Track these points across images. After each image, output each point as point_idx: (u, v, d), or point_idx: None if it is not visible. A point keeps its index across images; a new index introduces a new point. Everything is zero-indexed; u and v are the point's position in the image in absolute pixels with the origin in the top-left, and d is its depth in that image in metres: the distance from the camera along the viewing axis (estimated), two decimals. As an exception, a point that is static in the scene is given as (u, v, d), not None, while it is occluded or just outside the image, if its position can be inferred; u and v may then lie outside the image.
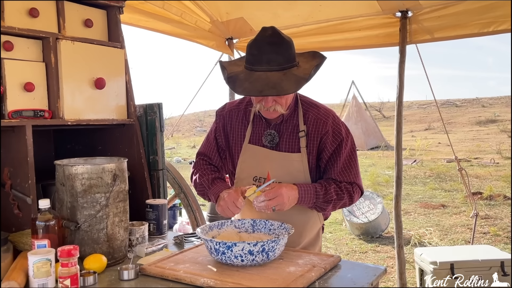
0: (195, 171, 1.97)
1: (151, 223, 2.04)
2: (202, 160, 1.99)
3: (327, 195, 1.76)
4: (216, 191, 1.79)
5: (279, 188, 1.66)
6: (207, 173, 1.91)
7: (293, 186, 1.72)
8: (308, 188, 1.74)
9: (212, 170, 1.94)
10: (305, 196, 1.73)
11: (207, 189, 1.85)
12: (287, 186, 1.69)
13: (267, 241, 1.48)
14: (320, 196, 1.75)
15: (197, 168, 1.96)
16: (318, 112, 1.84)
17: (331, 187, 1.77)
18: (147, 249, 1.76)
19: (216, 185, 1.82)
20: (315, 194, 1.75)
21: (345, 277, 1.49)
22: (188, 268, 1.53)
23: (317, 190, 1.75)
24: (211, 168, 1.95)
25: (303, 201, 1.73)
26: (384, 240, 5.86)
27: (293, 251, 1.70)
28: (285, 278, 1.42)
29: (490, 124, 23.92)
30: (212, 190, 1.82)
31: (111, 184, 1.64)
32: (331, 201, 1.76)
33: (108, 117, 2.11)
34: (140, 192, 2.20)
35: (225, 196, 1.70)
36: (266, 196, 1.64)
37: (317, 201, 1.76)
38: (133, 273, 1.52)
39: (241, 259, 1.49)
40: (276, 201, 1.65)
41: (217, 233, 1.72)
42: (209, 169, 1.94)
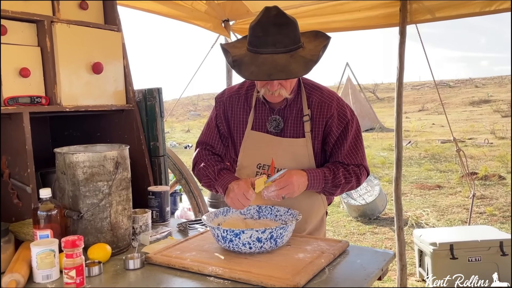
0: (198, 161, 1.90)
1: (153, 211, 2.01)
2: (205, 150, 1.92)
3: (335, 179, 1.73)
4: (224, 182, 1.75)
5: (290, 177, 1.63)
6: (212, 163, 1.84)
7: (302, 172, 1.69)
8: (317, 174, 1.71)
9: (217, 160, 1.88)
10: (314, 182, 1.70)
11: (213, 181, 1.81)
12: (296, 173, 1.66)
13: (276, 228, 1.45)
14: (329, 181, 1.73)
15: (201, 159, 1.89)
16: (321, 95, 1.80)
17: (339, 171, 1.74)
18: (151, 237, 1.73)
19: (224, 176, 1.77)
20: (323, 179, 1.72)
21: (355, 262, 1.47)
22: (195, 256, 1.50)
23: (326, 175, 1.72)
24: (216, 158, 1.89)
25: (312, 186, 1.71)
26: (381, 222, 5.89)
27: (300, 237, 1.68)
28: (295, 265, 1.39)
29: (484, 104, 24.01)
30: (220, 182, 1.77)
31: (114, 172, 1.60)
32: (339, 185, 1.74)
33: (106, 102, 2.05)
34: (141, 179, 2.16)
35: (235, 188, 1.65)
36: (277, 185, 1.61)
37: (325, 186, 1.73)
38: (139, 262, 1.49)
39: (249, 247, 1.46)
40: (286, 189, 1.62)
41: (223, 220, 1.70)
42: (214, 159, 1.88)
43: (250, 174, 1.82)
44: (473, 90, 28.73)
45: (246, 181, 1.65)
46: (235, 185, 1.66)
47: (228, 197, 1.67)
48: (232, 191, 1.65)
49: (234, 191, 1.64)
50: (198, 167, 1.87)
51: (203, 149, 1.92)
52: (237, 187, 1.64)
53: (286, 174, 1.64)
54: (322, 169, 1.75)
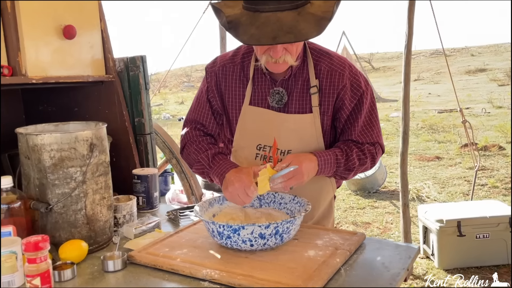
0: (188, 144, 1.63)
1: (139, 197, 1.77)
2: (195, 130, 1.64)
3: (348, 162, 1.49)
4: (221, 171, 1.49)
5: (299, 167, 1.38)
6: (204, 147, 1.58)
7: (312, 157, 1.44)
8: (328, 157, 1.46)
9: (210, 142, 1.62)
10: (324, 166, 1.46)
11: (207, 168, 1.55)
12: (305, 159, 1.41)
13: (282, 222, 1.22)
14: (341, 164, 1.49)
15: (191, 141, 1.62)
16: (331, 62, 1.53)
17: (353, 152, 1.50)
18: (136, 230, 1.49)
19: (219, 163, 1.52)
20: (335, 162, 1.48)
21: (374, 260, 1.25)
22: (186, 255, 1.27)
23: (338, 157, 1.48)
24: (208, 140, 1.63)
25: (323, 172, 1.47)
26: (381, 195, 5.72)
27: (308, 228, 1.45)
28: (305, 266, 1.17)
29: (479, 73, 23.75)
30: (215, 170, 1.52)
31: (88, 156, 1.35)
32: (353, 168, 1.50)
33: (82, 73, 1.77)
34: (125, 160, 1.91)
35: (235, 182, 1.40)
36: (284, 176, 1.37)
37: (337, 170, 1.50)
38: (120, 263, 1.26)
39: (250, 244, 1.23)
40: (295, 180, 1.38)
41: (219, 210, 1.46)
42: (206, 142, 1.61)
43: (249, 156, 1.58)
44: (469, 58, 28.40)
45: (248, 172, 1.40)
46: (234, 177, 1.41)
47: (226, 191, 1.42)
48: (232, 184, 1.40)
49: (234, 185, 1.39)
50: (188, 150, 1.61)
51: (193, 129, 1.64)
52: (238, 180, 1.39)
53: (294, 161, 1.38)
54: (334, 150, 1.50)
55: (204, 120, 1.63)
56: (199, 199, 2.36)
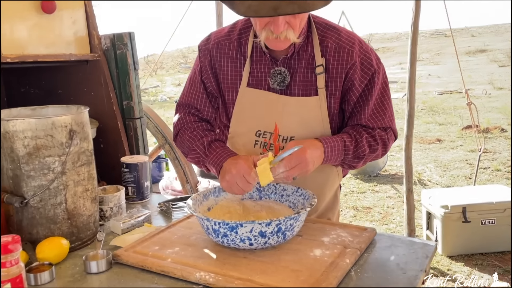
0: (182, 130, 1.48)
1: (129, 186, 1.63)
2: (189, 115, 1.49)
3: (358, 149, 1.35)
4: (218, 159, 1.35)
5: (302, 152, 1.23)
6: (200, 134, 1.44)
7: (317, 143, 1.30)
8: (335, 144, 1.32)
9: (205, 129, 1.47)
10: (331, 154, 1.31)
11: (203, 156, 1.41)
12: (309, 146, 1.27)
13: (285, 219, 1.08)
14: (350, 152, 1.35)
15: (185, 127, 1.47)
16: (339, 37, 1.38)
17: (363, 138, 1.36)
18: (123, 224, 1.36)
19: (216, 151, 1.38)
20: (343, 150, 1.33)
21: (388, 260, 1.12)
22: (178, 254, 1.14)
23: (346, 144, 1.34)
24: (203, 126, 1.48)
25: (330, 160, 1.33)
26: (382, 179, 5.61)
27: (313, 223, 1.32)
28: (311, 268, 1.04)
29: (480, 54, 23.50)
30: (212, 159, 1.38)
31: (67, 144, 1.20)
32: (363, 156, 1.36)
33: (63, 51, 1.62)
34: (113, 147, 1.77)
35: (232, 169, 1.27)
36: (287, 165, 1.22)
37: (345, 158, 1.36)
38: (104, 264, 1.13)
39: (250, 243, 1.10)
40: (298, 169, 1.23)
41: (214, 203, 1.33)
42: (201, 128, 1.46)
43: (247, 143, 1.43)
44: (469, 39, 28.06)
45: (247, 159, 1.26)
46: (232, 164, 1.27)
47: (223, 180, 1.28)
48: (229, 172, 1.26)
49: (232, 172, 1.25)
50: (182, 138, 1.46)
51: (187, 114, 1.49)
52: (235, 167, 1.25)
53: (297, 149, 1.24)
54: (341, 136, 1.36)
55: (198, 103, 1.48)
56: (194, 188, 2.24)
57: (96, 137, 1.78)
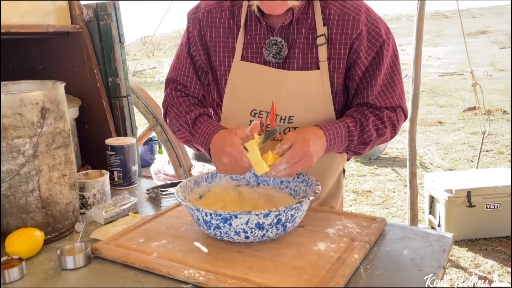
0: (168, 108, 1.35)
1: (115, 171, 1.50)
2: (176, 91, 1.35)
3: (364, 134, 1.21)
4: (204, 139, 1.21)
5: (305, 146, 1.08)
6: (185, 110, 1.30)
7: (318, 132, 1.15)
8: (338, 130, 1.18)
9: (192, 103, 1.33)
10: (335, 142, 1.17)
11: (189, 136, 1.27)
12: (311, 136, 1.11)
13: (285, 209, 0.95)
14: (355, 138, 1.21)
15: (171, 104, 1.34)
16: (343, 4, 1.22)
17: (369, 121, 1.22)
18: (106, 213, 1.23)
19: (201, 128, 1.23)
20: (347, 136, 1.20)
21: (400, 255, 1.00)
22: (165, 248, 1.01)
23: (350, 130, 1.20)
24: (191, 100, 1.34)
25: (333, 148, 1.19)
26: (382, 162, 5.49)
27: (315, 212, 1.19)
28: (315, 265, 0.92)
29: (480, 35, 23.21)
30: (198, 138, 1.23)
31: (39, 124, 1.06)
32: (369, 142, 1.22)
33: (40, 21, 1.46)
34: (98, 128, 1.63)
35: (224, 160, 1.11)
36: (289, 161, 1.07)
37: (350, 145, 1.22)
38: (82, 259, 1.00)
39: (245, 236, 0.97)
40: (302, 164, 1.08)
41: (207, 190, 1.19)
42: (188, 103, 1.32)
43: (241, 124, 1.28)
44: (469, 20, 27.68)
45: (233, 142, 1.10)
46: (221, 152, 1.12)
47: (219, 169, 1.14)
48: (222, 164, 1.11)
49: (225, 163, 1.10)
50: (170, 116, 1.33)
51: (174, 90, 1.35)
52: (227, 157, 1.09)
53: (299, 142, 1.09)
54: (345, 120, 1.21)
55: (185, 79, 1.33)
56: (187, 172, 2.10)
57: (80, 117, 1.64)
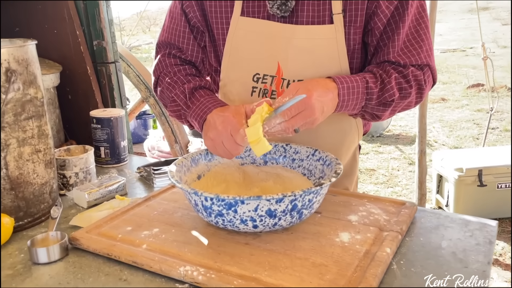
0: (160, 77, 1.15)
1: (101, 147, 1.33)
2: (170, 57, 1.16)
3: (384, 92, 1.03)
4: (200, 111, 1.03)
5: (306, 97, 0.91)
6: (181, 80, 1.11)
7: (329, 83, 0.97)
8: (355, 85, 1.00)
9: (189, 73, 1.14)
10: (348, 98, 0.99)
11: (184, 108, 1.08)
12: (317, 86, 0.94)
13: (302, 193, 0.78)
14: (374, 96, 1.02)
15: (164, 72, 1.15)
16: None
17: (391, 78, 1.03)
18: (89, 195, 1.06)
19: (200, 100, 1.05)
20: (364, 93, 1.01)
21: (439, 247, 0.83)
22: (157, 239, 0.85)
23: (369, 86, 1.01)
24: (187, 70, 1.15)
25: (346, 106, 1.01)
26: (385, 140, 5.33)
27: (333, 194, 1.02)
28: (340, 261, 0.75)
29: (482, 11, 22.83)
30: (194, 111, 1.05)
31: (3, 89, 0.88)
32: (391, 102, 1.04)
33: (12, -26, 1.26)
34: (83, 98, 1.44)
35: (218, 124, 0.95)
36: (286, 113, 0.90)
37: (367, 105, 1.04)
38: (57, 251, 0.84)
39: (254, 225, 0.81)
40: (302, 117, 0.91)
41: (206, 169, 1.02)
42: (184, 72, 1.13)
43: (242, 92, 1.11)
44: (472, -4, 27.20)
45: (237, 111, 0.94)
46: (218, 117, 0.95)
47: (207, 138, 0.97)
48: (214, 128, 0.95)
49: (217, 128, 0.94)
50: (161, 86, 1.14)
51: (167, 56, 1.16)
52: (222, 122, 0.93)
53: (301, 89, 0.92)
54: (363, 75, 1.03)
55: (180, 41, 1.14)
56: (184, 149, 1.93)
57: (63, 86, 1.45)
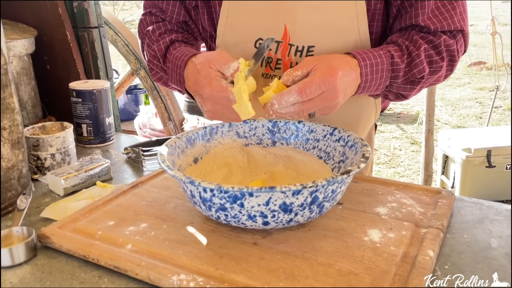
0: (142, 40, 1.01)
1: (83, 124, 1.16)
2: (150, 16, 1.02)
3: (413, 68, 0.86)
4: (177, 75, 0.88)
5: (331, 74, 0.74)
6: (156, 38, 0.96)
7: (351, 60, 0.81)
8: (379, 61, 0.83)
9: (167, 29, 0.99)
10: (372, 79, 0.83)
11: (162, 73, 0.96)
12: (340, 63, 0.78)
13: (325, 183, 0.62)
14: (400, 74, 0.86)
15: (143, 33, 1.00)
16: None
17: (420, 50, 0.86)
18: (66, 181, 0.90)
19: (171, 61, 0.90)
20: (389, 71, 0.85)
21: (488, 247, 0.68)
22: (145, 237, 0.69)
23: (395, 62, 0.85)
24: (164, 26, 1.00)
25: (369, 88, 0.85)
26: (386, 118, 5.18)
27: (354, 181, 0.87)
28: (372, 268, 0.60)
29: (482, -12, 22.51)
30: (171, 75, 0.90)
31: (-48, 52, 0.71)
32: (419, 80, 0.88)
33: None
34: (63, 68, 1.27)
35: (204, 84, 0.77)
36: (303, 91, 0.73)
37: (393, 84, 0.88)
38: (23, 251, 0.68)
39: (264, 221, 0.65)
40: (322, 100, 0.75)
41: (204, 151, 0.86)
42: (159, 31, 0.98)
43: None
44: (472, -28, 26.72)
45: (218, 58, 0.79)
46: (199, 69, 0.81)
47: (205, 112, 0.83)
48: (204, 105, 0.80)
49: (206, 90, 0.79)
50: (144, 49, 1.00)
51: (148, 15, 1.02)
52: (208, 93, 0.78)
53: (322, 68, 0.76)
54: (387, 48, 0.86)
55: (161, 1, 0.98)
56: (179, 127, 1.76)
57: (39, 54, 1.27)
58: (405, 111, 5.41)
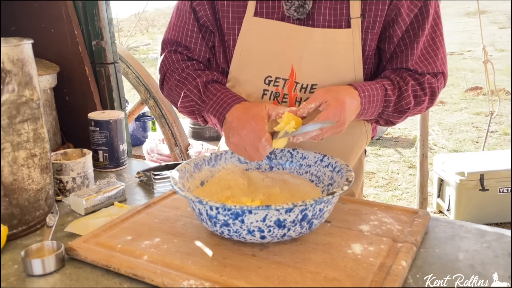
0: (167, 74, 1.11)
1: (99, 150, 1.28)
2: (176, 54, 1.11)
3: (401, 100, 1.02)
4: (219, 106, 1.00)
5: (341, 108, 0.90)
6: (191, 74, 1.07)
7: (353, 91, 0.96)
8: (375, 93, 0.98)
9: (198, 68, 1.10)
10: (369, 107, 0.99)
11: (199, 103, 1.05)
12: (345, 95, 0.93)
13: (313, 203, 0.74)
14: (391, 104, 1.02)
15: (171, 69, 1.10)
16: None
17: (408, 86, 1.02)
18: (87, 201, 1.02)
19: (216, 95, 1.02)
20: (383, 101, 1.01)
21: (456, 260, 0.79)
22: (159, 249, 0.80)
23: (388, 94, 1.00)
24: (195, 65, 1.11)
25: (365, 114, 1.00)
26: (385, 143, 5.30)
27: (342, 202, 0.98)
28: (353, 275, 0.71)
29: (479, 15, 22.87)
30: (211, 106, 1.01)
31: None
32: (406, 110, 1.04)
33: (8, -30, 1.22)
34: (81, 100, 1.40)
35: (240, 130, 0.91)
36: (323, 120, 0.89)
37: (384, 112, 1.03)
38: (53, 262, 0.79)
39: (261, 235, 0.76)
40: (334, 128, 0.92)
41: (210, 175, 0.98)
42: (193, 68, 1.09)
43: (252, 94, 1.07)
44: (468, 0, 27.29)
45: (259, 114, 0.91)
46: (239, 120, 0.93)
47: (229, 142, 0.95)
48: (236, 134, 0.93)
49: (240, 135, 0.92)
50: (168, 83, 1.10)
51: (173, 53, 1.11)
52: (244, 127, 0.91)
53: (332, 102, 0.91)
54: (381, 82, 1.02)
55: (187, 40, 1.10)
56: (184, 152, 1.89)
57: (60, 87, 1.40)
58: (403, 136, 5.53)
